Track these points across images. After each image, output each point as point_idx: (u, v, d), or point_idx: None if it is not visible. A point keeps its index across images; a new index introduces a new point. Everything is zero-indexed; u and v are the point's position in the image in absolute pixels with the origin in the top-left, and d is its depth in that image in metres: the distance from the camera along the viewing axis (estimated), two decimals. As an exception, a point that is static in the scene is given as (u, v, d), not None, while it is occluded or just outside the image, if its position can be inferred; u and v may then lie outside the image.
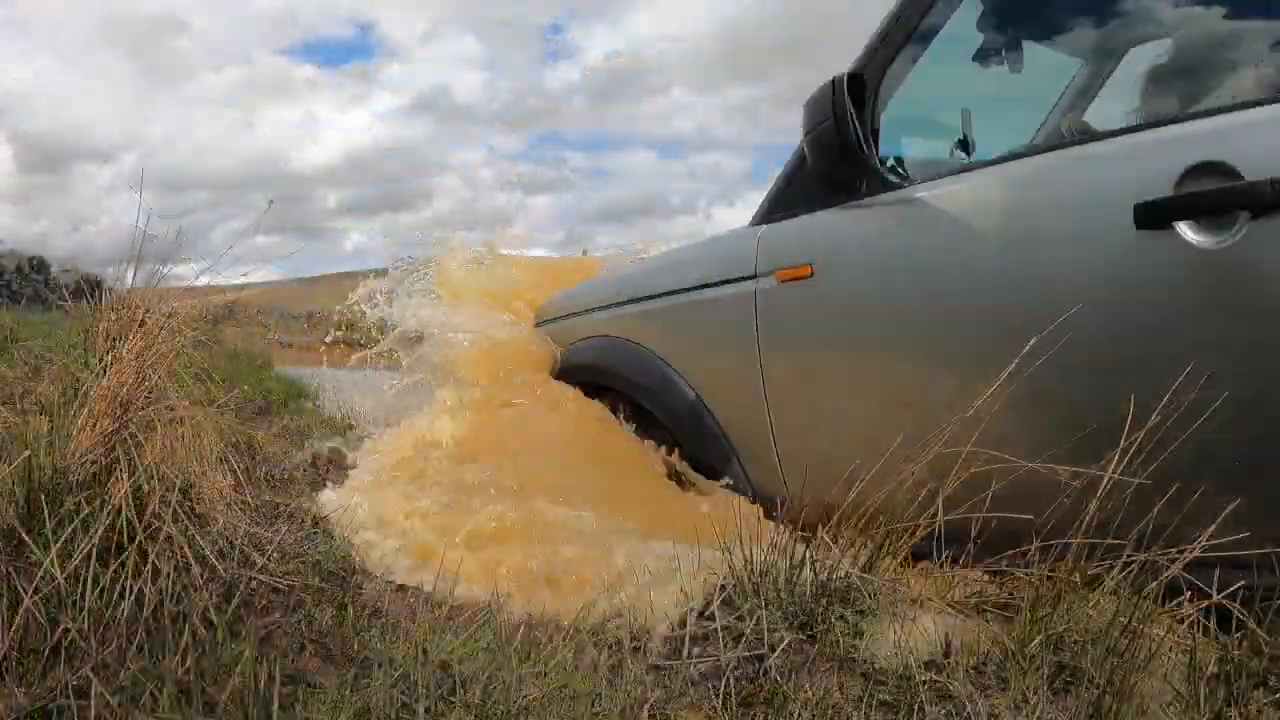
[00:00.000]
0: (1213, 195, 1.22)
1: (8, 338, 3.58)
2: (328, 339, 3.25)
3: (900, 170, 1.65)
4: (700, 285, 1.93)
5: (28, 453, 1.25)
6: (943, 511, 1.32)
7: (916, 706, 1.09)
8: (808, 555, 1.34)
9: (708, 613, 1.30)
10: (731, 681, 1.15)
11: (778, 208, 1.80)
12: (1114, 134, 1.43)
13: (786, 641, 1.20)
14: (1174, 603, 1.21)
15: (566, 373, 2.38)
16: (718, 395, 1.90)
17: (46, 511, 1.21)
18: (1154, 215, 1.26)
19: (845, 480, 1.42)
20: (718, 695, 1.14)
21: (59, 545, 1.14)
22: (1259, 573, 1.15)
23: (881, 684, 1.15)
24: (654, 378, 2.02)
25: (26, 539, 1.17)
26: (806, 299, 1.69)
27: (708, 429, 1.91)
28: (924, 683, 1.12)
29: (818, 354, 1.72)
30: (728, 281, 1.84)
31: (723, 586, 1.35)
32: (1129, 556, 1.21)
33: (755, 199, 1.93)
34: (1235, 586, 1.17)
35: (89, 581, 1.14)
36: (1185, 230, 1.25)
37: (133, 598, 1.16)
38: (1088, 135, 1.50)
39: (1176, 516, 1.21)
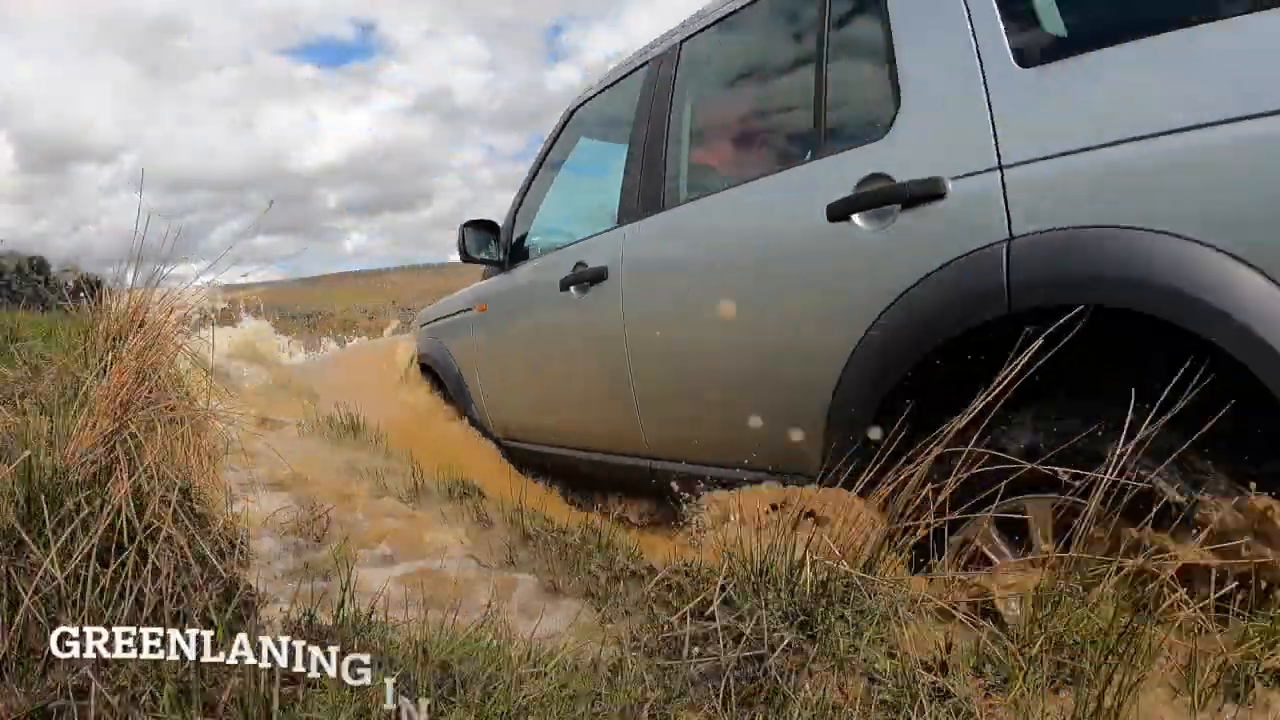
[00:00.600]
0: (580, 275, 2.58)
1: (8, 338, 3.58)
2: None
3: (524, 255, 3.15)
4: (461, 310, 3.53)
5: (28, 453, 1.25)
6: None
7: (916, 706, 1.09)
8: (808, 555, 1.34)
9: (708, 613, 1.30)
10: (731, 681, 1.15)
11: (488, 272, 3.37)
12: (563, 245, 2.84)
13: (786, 641, 1.20)
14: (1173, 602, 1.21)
15: (418, 358, 3.96)
16: (466, 370, 3.50)
17: (46, 511, 1.21)
18: (564, 283, 2.64)
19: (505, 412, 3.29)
20: (718, 695, 1.14)
21: (59, 545, 1.14)
22: None
23: (881, 684, 1.15)
24: (445, 361, 3.65)
25: (26, 539, 1.17)
26: (483, 321, 3.33)
27: (463, 388, 3.52)
28: (924, 683, 1.12)
29: (490, 350, 3.31)
30: (469, 309, 3.45)
31: (723, 587, 1.34)
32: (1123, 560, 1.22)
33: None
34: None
35: (89, 581, 1.14)
36: (573, 292, 2.61)
37: (133, 598, 1.16)
38: (570, 243, 2.81)
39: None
